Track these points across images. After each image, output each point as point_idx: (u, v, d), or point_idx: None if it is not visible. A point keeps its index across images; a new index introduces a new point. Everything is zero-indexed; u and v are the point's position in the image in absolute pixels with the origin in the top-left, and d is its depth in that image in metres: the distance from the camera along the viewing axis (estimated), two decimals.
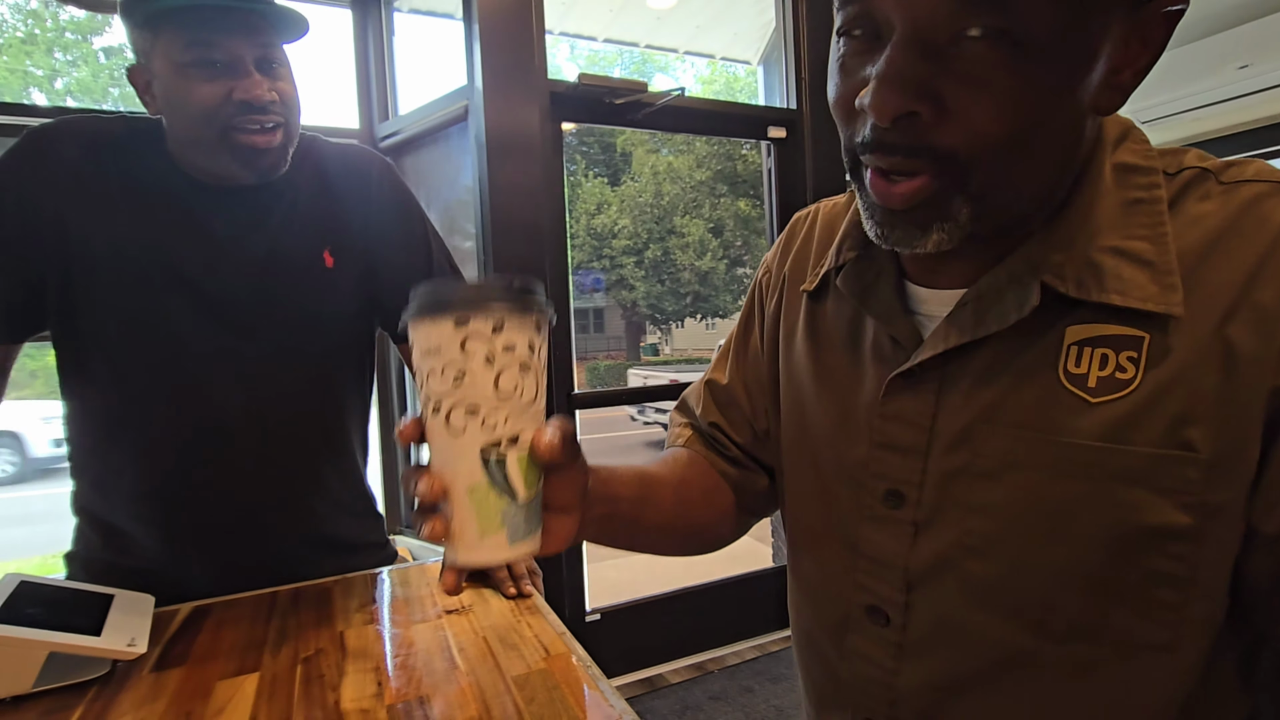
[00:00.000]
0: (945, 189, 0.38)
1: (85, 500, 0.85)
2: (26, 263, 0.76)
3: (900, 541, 0.47)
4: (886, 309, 0.48)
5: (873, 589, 0.49)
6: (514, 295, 0.35)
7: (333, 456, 0.92)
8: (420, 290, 0.36)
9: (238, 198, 0.81)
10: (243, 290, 0.81)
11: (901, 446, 0.47)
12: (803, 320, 0.56)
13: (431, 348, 0.36)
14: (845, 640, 0.51)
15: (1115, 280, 0.39)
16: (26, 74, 6.65)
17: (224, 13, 0.72)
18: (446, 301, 0.35)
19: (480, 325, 0.35)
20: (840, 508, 0.51)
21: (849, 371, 0.51)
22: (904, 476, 0.46)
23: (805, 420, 0.55)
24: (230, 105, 0.73)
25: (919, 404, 0.45)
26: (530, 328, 0.36)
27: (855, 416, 0.50)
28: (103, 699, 0.59)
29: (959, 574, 0.44)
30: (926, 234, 0.40)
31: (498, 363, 0.35)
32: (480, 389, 0.35)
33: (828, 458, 0.53)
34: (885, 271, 0.49)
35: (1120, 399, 0.38)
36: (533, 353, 0.37)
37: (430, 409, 0.37)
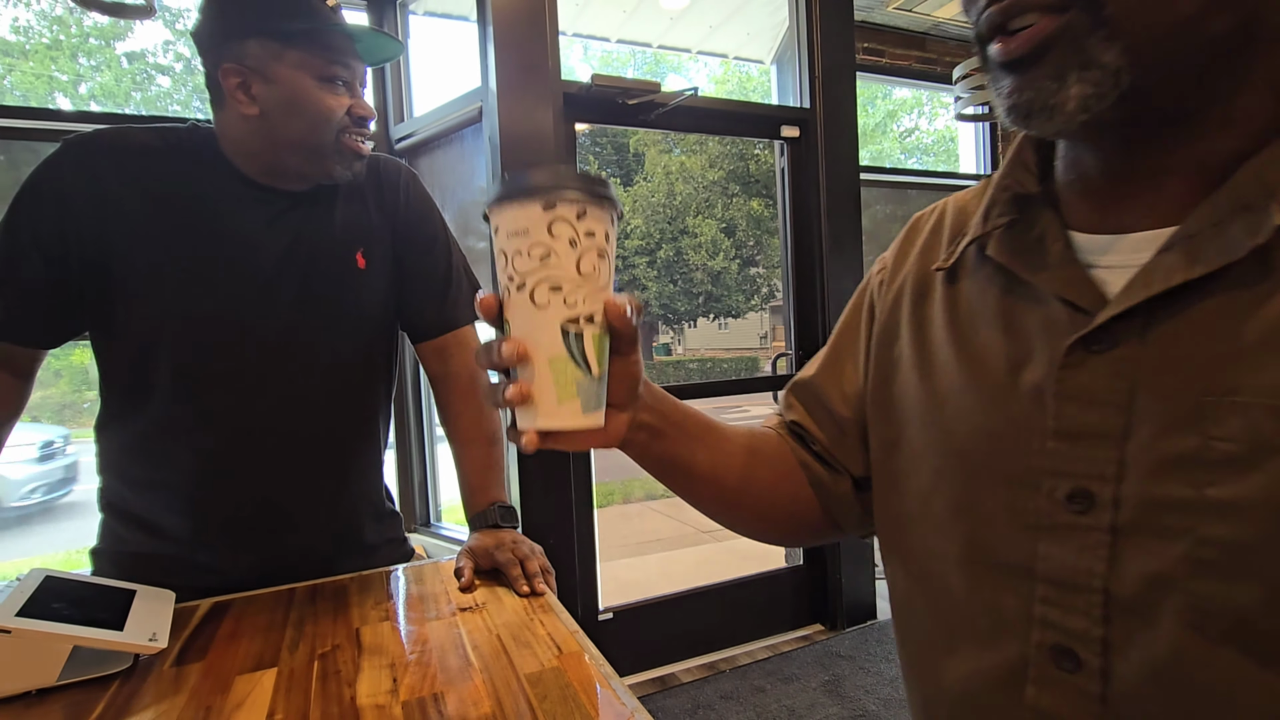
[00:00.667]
0: (1076, 22, 0.32)
1: (114, 496, 0.87)
2: (65, 267, 0.78)
3: (1093, 557, 0.36)
4: (1057, 268, 0.39)
5: (1057, 623, 0.37)
6: (594, 187, 0.38)
7: (361, 454, 0.95)
8: (508, 177, 0.38)
9: (282, 199, 0.86)
10: (283, 288, 0.84)
11: (1088, 432, 0.37)
12: (939, 308, 0.48)
13: (519, 229, 0.38)
14: (1024, 696, 0.39)
15: None
16: (52, 79, 6.78)
17: (353, 39, 0.83)
18: (536, 187, 0.37)
19: (566, 211, 0.37)
20: (998, 521, 0.41)
21: (1007, 355, 0.42)
22: (1093, 470, 0.36)
23: (944, 420, 0.45)
24: (349, 118, 0.84)
25: (1110, 376, 0.36)
26: (607, 218, 0.39)
27: (1020, 405, 0.40)
28: (125, 692, 0.60)
29: (1186, 600, 0.33)
30: (1064, 85, 0.33)
31: (580, 246, 0.38)
32: (564, 268, 0.38)
33: (978, 460, 0.42)
34: (1049, 229, 0.41)
35: None
36: (608, 241, 0.40)
37: (515, 286, 0.39)
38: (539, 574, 0.81)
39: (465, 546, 0.88)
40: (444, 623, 0.73)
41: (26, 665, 0.59)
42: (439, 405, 1.00)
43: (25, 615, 0.58)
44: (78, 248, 0.78)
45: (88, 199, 0.78)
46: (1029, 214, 0.42)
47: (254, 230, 0.84)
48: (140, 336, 0.81)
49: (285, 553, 0.89)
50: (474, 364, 0.98)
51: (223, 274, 0.82)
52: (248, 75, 0.80)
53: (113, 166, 0.79)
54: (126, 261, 0.79)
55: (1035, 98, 0.34)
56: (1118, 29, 0.32)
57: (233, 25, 0.80)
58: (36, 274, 0.78)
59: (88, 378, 5.14)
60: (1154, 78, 0.33)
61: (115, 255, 0.79)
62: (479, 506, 0.92)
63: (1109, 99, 0.33)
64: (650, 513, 5.55)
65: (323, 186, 0.89)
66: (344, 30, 0.82)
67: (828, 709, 1.96)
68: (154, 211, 0.80)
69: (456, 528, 2.22)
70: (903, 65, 3.34)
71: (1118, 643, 0.35)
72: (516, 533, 0.90)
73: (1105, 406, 0.36)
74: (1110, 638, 0.36)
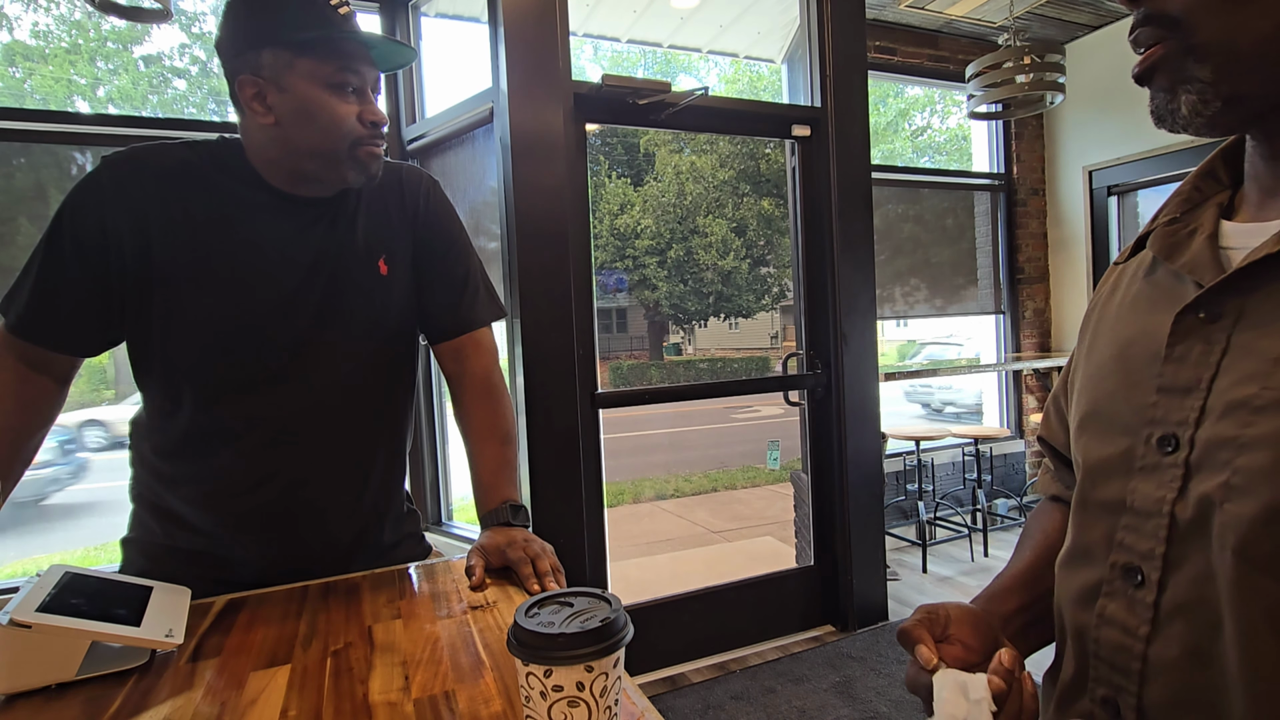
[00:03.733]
0: (1174, 50, 0.41)
1: (144, 489, 0.90)
2: (105, 278, 0.82)
3: (1169, 489, 0.43)
4: (1194, 256, 0.45)
5: (1132, 545, 0.45)
6: (561, 646, 0.45)
7: (383, 454, 0.97)
8: (517, 621, 0.47)
9: (308, 207, 0.88)
10: (308, 295, 0.87)
11: (1181, 386, 0.43)
12: (1114, 297, 0.54)
13: (518, 670, 0.47)
14: (1097, 607, 0.47)
15: None
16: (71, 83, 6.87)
17: (366, 46, 0.84)
18: (518, 644, 0.46)
19: (535, 669, 0.45)
20: (1115, 466, 0.47)
21: (1144, 328, 0.48)
22: (1180, 418, 0.43)
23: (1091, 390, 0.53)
24: (361, 126, 0.85)
25: (1207, 341, 0.42)
26: (577, 670, 0.45)
27: (1142, 368, 0.47)
28: (141, 688, 0.61)
29: (1219, 519, 0.39)
30: (1174, 96, 0.42)
31: (550, 698, 0.45)
32: (539, 714, 0.46)
33: (1106, 418, 0.49)
34: (1203, 225, 0.47)
35: None
36: (583, 690, 0.46)
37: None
38: (549, 573, 0.81)
39: (476, 544, 0.88)
40: (455, 621, 0.73)
41: (46, 660, 0.59)
42: (454, 404, 1.01)
43: (45, 611, 0.59)
44: (117, 260, 0.81)
45: (125, 213, 0.81)
46: (1193, 214, 0.49)
47: (281, 239, 0.86)
48: (172, 344, 0.84)
49: (310, 550, 0.91)
50: (489, 363, 1.00)
51: (251, 282, 0.84)
52: (262, 85, 0.82)
53: (148, 181, 0.83)
54: (162, 272, 0.82)
55: (1159, 106, 0.43)
56: (1205, 52, 0.40)
57: (247, 36, 0.82)
58: (78, 284, 0.82)
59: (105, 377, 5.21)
60: (1252, 85, 0.40)
61: (152, 267, 0.82)
62: (490, 505, 0.93)
63: (1214, 105, 0.40)
64: (660, 512, 5.54)
65: (346, 195, 0.91)
66: (355, 38, 0.83)
67: (839, 710, 1.95)
68: (187, 223, 0.83)
69: (468, 526, 2.23)
70: (914, 63, 3.32)
71: (1174, 559, 0.42)
72: (527, 531, 0.90)
73: (1199, 365, 0.42)
74: (1170, 555, 0.43)
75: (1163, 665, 0.43)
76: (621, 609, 0.48)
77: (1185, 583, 0.42)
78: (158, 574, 0.82)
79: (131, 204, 0.81)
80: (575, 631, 0.45)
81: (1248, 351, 0.40)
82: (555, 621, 0.47)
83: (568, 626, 0.46)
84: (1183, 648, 0.42)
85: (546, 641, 0.45)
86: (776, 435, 3.35)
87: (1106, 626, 0.46)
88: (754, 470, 6.68)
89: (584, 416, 1.98)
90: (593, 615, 0.47)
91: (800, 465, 2.58)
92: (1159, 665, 0.43)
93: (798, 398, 2.46)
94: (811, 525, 2.52)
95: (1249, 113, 0.42)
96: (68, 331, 0.83)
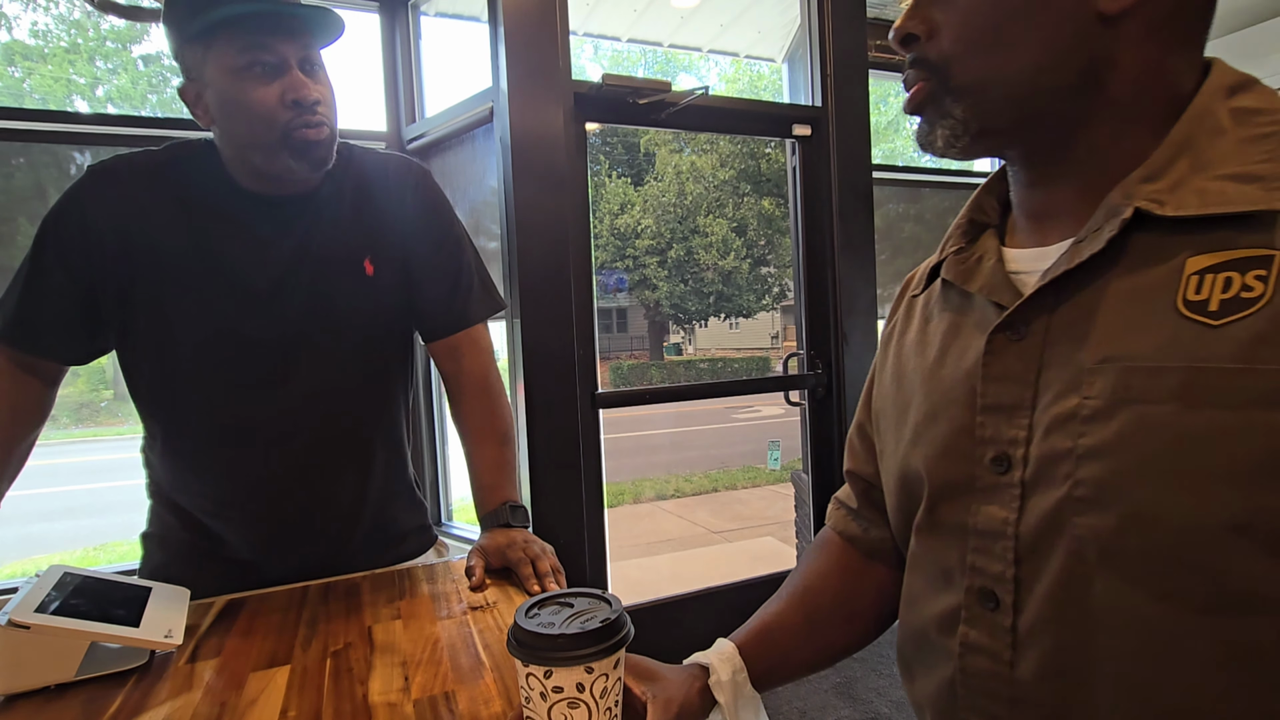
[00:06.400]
0: (936, 90, 0.47)
1: (157, 487, 0.91)
2: (89, 286, 0.82)
3: (1009, 509, 0.44)
4: (988, 279, 0.48)
5: (983, 568, 0.45)
6: (562, 647, 0.45)
7: (384, 452, 0.96)
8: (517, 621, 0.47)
9: (284, 207, 0.86)
10: (289, 296, 0.85)
11: (1006, 405, 0.44)
12: (912, 325, 0.57)
13: (516, 671, 0.47)
14: (959, 634, 0.47)
15: (1219, 196, 0.38)
16: (70, 82, 6.87)
17: (270, 18, 0.77)
18: (518, 644, 0.46)
19: (535, 669, 0.45)
20: (956, 489, 0.48)
21: (952, 352, 0.50)
22: (1009, 436, 0.44)
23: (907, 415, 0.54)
24: (285, 107, 0.78)
25: (1023, 359, 0.44)
26: (577, 671, 0.45)
27: (960, 389, 0.48)
28: (141, 688, 0.61)
29: (1070, 534, 0.40)
30: (934, 129, 0.47)
31: (550, 699, 0.45)
32: (539, 715, 0.46)
33: (935, 441, 0.50)
34: (988, 252, 0.50)
35: (1246, 317, 0.35)
36: (583, 690, 0.46)
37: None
38: (550, 573, 0.81)
39: (476, 545, 0.88)
40: (455, 621, 0.73)
41: (45, 661, 0.59)
42: (451, 404, 1.00)
43: (44, 612, 0.59)
44: (100, 266, 0.81)
45: (108, 221, 0.81)
46: (977, 241, 0.53)
47: (256, 241, 0.84)
48: (156, 348, 0.84)
49: (315, 547, 0.91)
50: (485, 363, 0.98)
51: (227, 286, 0.83)
52: (196, 87, 0.81)
53: (127, 188, 0.82)
54: (145, 277, 0.82)
55: (922, 136, 0.48)
56: (961, 93, 0.45)
57: (171, 39, 0.80)
58: (63, 292, 0.82)
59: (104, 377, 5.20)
60: (1003, 120, 0.45)
61: (135, 272, 0.82)
62: (490, 505, 0.92)
63: (965, 139, 0.46)
64: (661, 513, 5.54)
65: (328, 193, 0.88)
66: (257, 10, 0.76)
67: (839, 710, 1.95)
68: (168, 228, 0.82)
69: (468, 526, 2.23)
70: None
71: (1025, 580, 0.43)
72: (527, 532, 0.90)
73: (1018, 383, 0.44)
74: (1020, 576, 0.43)
75: (1030, 686, 0.43)
76: (622, 609, 0.48)
77: (1040, 602, 0.42)
78: (176, 567, 0.87)
79: (111, 211, 0.81)
80: (576, 632, 0.45)
81: (1062, 365, 0.42)
82: (555, 622, 0.47)
83: (568, 627, 0.46)
84: (1045, 669, 0.42)
85: (547, 642, 0.45)
86: (777, 435, 3.35)
87: (971, 654, 0.46)
88: (755, 470, 6.68)
89: (584, 416, 1.98)
90: (593, 616, 0.47)
91: (801, 465, 2.57)
92: (1027, 687, 0.43)
93: (798, 398, 2.46)
94: (812, 525, 2.52)
95: (995, 144, 0.47)
96: (54, 338, 0.84)
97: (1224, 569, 0.35)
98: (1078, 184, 0.45)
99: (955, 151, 0.47)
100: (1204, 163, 0.40)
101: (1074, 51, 0.42)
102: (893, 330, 0.61)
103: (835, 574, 0.65)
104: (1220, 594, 0.36)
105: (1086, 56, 0.42)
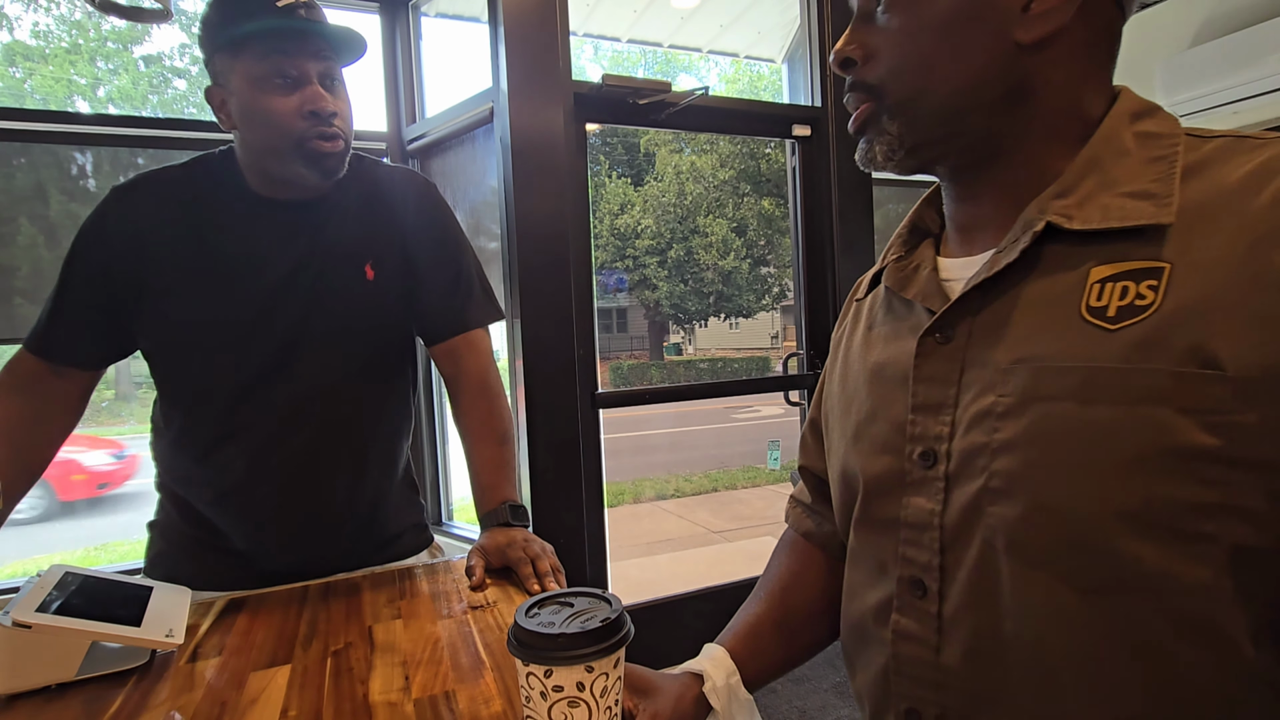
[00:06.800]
0: (875, 110, 0.50)
1: (163, 478, 0.94)
2: (110, 299, 0.86)
3: (935, 500, 0.47)
4: (922, 287, 0.52)
5: (913, 558, 0.48)
6: (562, 646, 0.45)
7: (383, 452, 0.98)
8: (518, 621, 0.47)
9: (291, 211, 0.89)
10: (291, 301, 0.88)
11: (933, 404, 0.48)
12: (860, 328, 0.61)
13: (517, 671, 0.47)
14: (891, 623, 0.50)
15: (1118, 211, 0.42)
16: (71, 83, 6.87)
17: (297, 35, 0.82)
18: (518, 643, 0.46)
19: (535, 669, 0.45)
20: (889, 484, 0.51)
21: (891, 355, 0.54)
22: (935, 433, 0.47)
23: (850, 413, 0.58)
24: (303, 117, 0.82)
25: (948, 360, 0.48)
26: (577, 670, 0.45)
27: (895, 389, 0.52)
28: (142, 688, 0.61)
29: (986, 523, 0.43)
30: (871, 146, 0.51)
31: (550, 698, 0.46)
32: (539, 714, 0.46)
33: (873, 438, 0.53)
34: (924, 261, 0.54)
35: (1138, 323, 0.39)
36: (583, 690, 0.46)
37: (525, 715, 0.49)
38: (550, 573, 0.82)
39: (476, 545, 0.88)
40: (455, 621, 0.73)
41: (46, 660, 0.59)
42: (452, 406, 1.02)
43: (45, 611, 0.59)
44: (120, 279, 0.86)
45: (127, 238, 0.86)
46: (916, 250, 0.56)
47: (262, 243, 0.88)
48: (167, 352, 0.89)
49: (313, 544, 0.93)
50: (484, 364, 1.00)
51: (232, 287, 0.86)
52: (222, 93, 0.85)
53: (147, 201, 0.87)
54: (158, 282, 0.86)
55: (862, 154, 0.52)
56: (895, 112, 0.49)
57: (204, 44, 0.84)
58: (86, 305, 0.87)
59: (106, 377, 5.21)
60: (933, 136, 0.49)
61: (150, 283, 0.86)
62: (490, 505, 0.93)
63: (900, 153, 0.50)
64: (661, 512, 5.54)
65: (333, 199, 0.91)
66: (288, 27, 0.80)
67: (839, 710, 1.95)
68: (181, 239, 0.86)
69: (468, 526, 2.23)
70: None
71: (949, 568, 0.46)
72: (527, 531, 0.90)
73: (944, 383, 0.48)
74: (945, 565, 0.46)
75: (953, 670, 0.46)
76: (622, 609, 0.48)
77: (962, 589, 0.45)
78: (175, 557, 0.91)
79: (129, 224, 0.86)
80: (576, 632, 0.45)
81: (982, 365, 0.46)
82: (555, 622, 0.47)
83: (568, 627, 0.46)
84: (967, 652, 0.45)
85: (547, 642, 0.45)
86: (777, 435, 3.35)
87: (901, 641, 0.49)
88: (754, 470, 6.68)
89: (584, 416, 1.98)
90: (593, 615, 0.47)
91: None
92: (951, 671, 0.46)
93: (798, 398, 2.46)
94: None
95: (927, 159, 0.51)
96: (75, 347, 0.88)
97: (1112, 553, 0.39)
98: (999, 198, 0.49)
99: (893, 165, 0.51)
100: (1109, 181, 0.43)
101: (994, 76, 0.46)
102: (841, 333, 0.65)
103: (807, 572, 0.68)
104: (1108, 576, 0.39)
105: (1005, 82, 0.46)
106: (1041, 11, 0.44)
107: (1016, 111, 0.46)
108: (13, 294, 1.67)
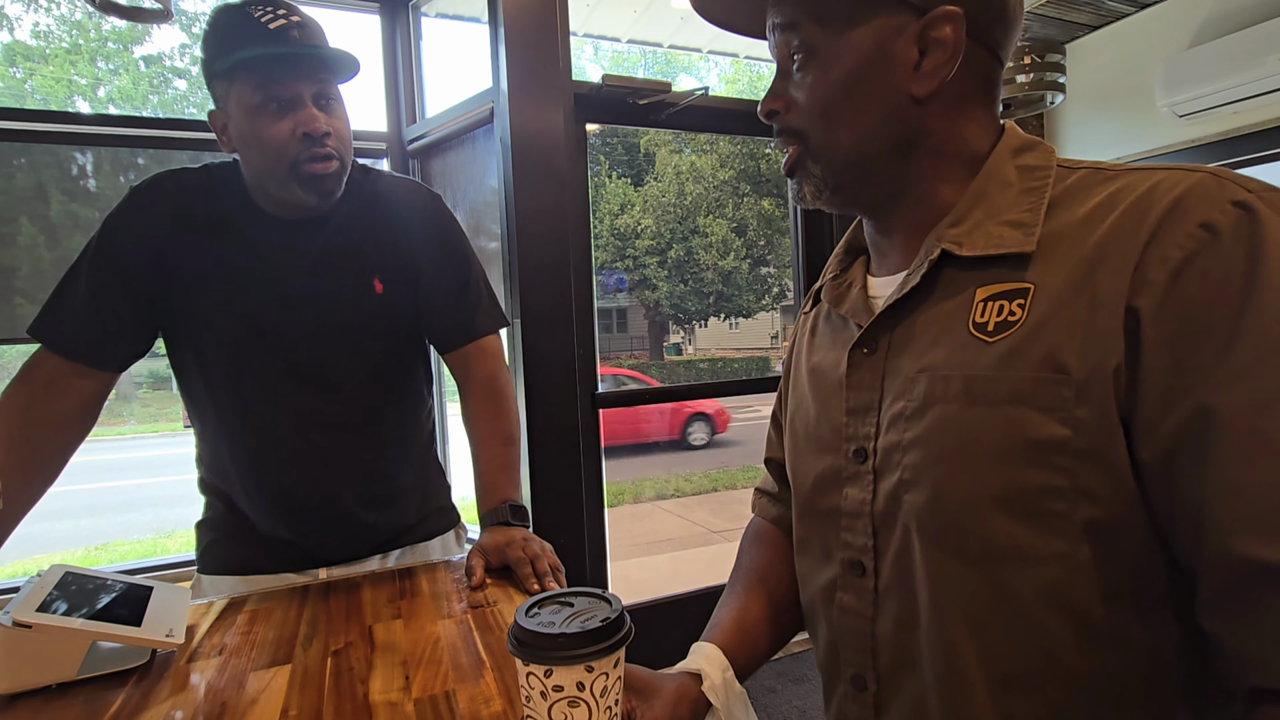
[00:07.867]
0: (802, 154, 0.56)
1: (204, 475, 1.00)
2: (132, 299, 0.88)
3: (866, 491, 0.54)
4: (853, 303, 0.59)
5: (851, 542, 0.55)
6: (562, 646, 0.45)
7: (402, 446, 1.02)
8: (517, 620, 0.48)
9: (298, 228, 0.91)
10: (304, 314, 0.90)
11: (862, 408, 0.55)
12: (807, 338, 0.67)
13: (517, 671, 0.48)
14: (836, 600, 0.57)
15: (997, 238, 0.48)
16: (71, 83, 6.88)
17: (288, 60, 0.82)
18: (518, 643, 0.46)
19: (535, 668, 0.46)
20: (830, 479, 0.58)
21: (829, 364, 0.61)
22: (865, 433, 0.54)
23: (798, 416, 0.65)
24: (296, 141, 0.83)
25: (872, 370, 0.55)
26: (577, 670, 0.45)
27: (832, 395, 0.59)
28: (142, 688, 0.61)
29: (904, 510, 0.50)
30: (801, 187, 0.57)
31: (550, 698, 0.46)
32: (539, 714, 0.46)
33: (813, 438, 0.61)
34: (856, 279, 0.61)
35: (1008, 336, 0.46)
36: (583, 690, 0.46)
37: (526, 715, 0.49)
38: (549, 572, 0.82)
39: (476, 544, 0.89)
40: (455, 621, 0.73)
41: (46, 660, 0.60)
42: (462, 406, 1.04)
43: (46, 611, 0.59)
44: (134, 278, 0.87)
45: (146, 238, 0.87)
46: (848, 272, 0.63)
47: (272, 259, 0.90)
48: (191, 352, 0.91)
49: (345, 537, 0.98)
50: (494, 367, 1.03)
51: (245, 301, 0.89)
52: (223, 117, 0.87)
53: (167, 207, 0.88)
54: (175, 287, 0.88)
55: (795, 192, 0.58)
56: (817, 155, 0.55)
57: (204, 71, 0.86)
58: (119, 304, 0.88)
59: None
60: (848, 178, 0.55)
61: (167, 281, 0.88)
62: (491, 504, 0.93)
63: (825, 193, 0.56)
64: (661, 512, 5.54)
65: (340, 214, 0.93)
66: (276, 52, 0.81)
67: None
68: (194, 244, 0.88)
69: (468, 526, 2.23)
70: None
71: (881, 549, 0.53)
72: (527, 531, 0.90)
73: (869, 389, 0.55)
74: (878, 546, 0.53)
75: (885, 638, 0.53)
76: (622, 609, 0.48)
77: (889, 567, 0.52)
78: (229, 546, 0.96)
79: (145, 227, 0.88)
80: (576, 631, 0.45)
81: (896, 374, 0.52)
82: (555, 621, 0.47)
83: (568, 626, 0.46)
84: (895, 620, 0.52)
85: (547, 641, 0.45)
86: None
87: (844, 615, 0.56)
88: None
89: (584, 416, 1.98)
90: (593, 615, 0.47)
91: None
92: (883, 638, 0.53)
93: None
94: None
95: (848, 198, 0.56)
96: (106, 347, 0.89)
97: (990, 531, 0.45)
98: (907, 229, 0.55)
99: (821, 203, 0.57)
100: (993, 210, 0.50)
101: (892, 125, 0.52)
102: (793, 342, 0.71)
103: (780, 561, 0.71)
104: (987, 550, 0.46)
105: (903, 129, 0.52)
106: (930, 69, 0.50)
107: (912, 155, 0.53)
108: (13, 294, 1.67)
